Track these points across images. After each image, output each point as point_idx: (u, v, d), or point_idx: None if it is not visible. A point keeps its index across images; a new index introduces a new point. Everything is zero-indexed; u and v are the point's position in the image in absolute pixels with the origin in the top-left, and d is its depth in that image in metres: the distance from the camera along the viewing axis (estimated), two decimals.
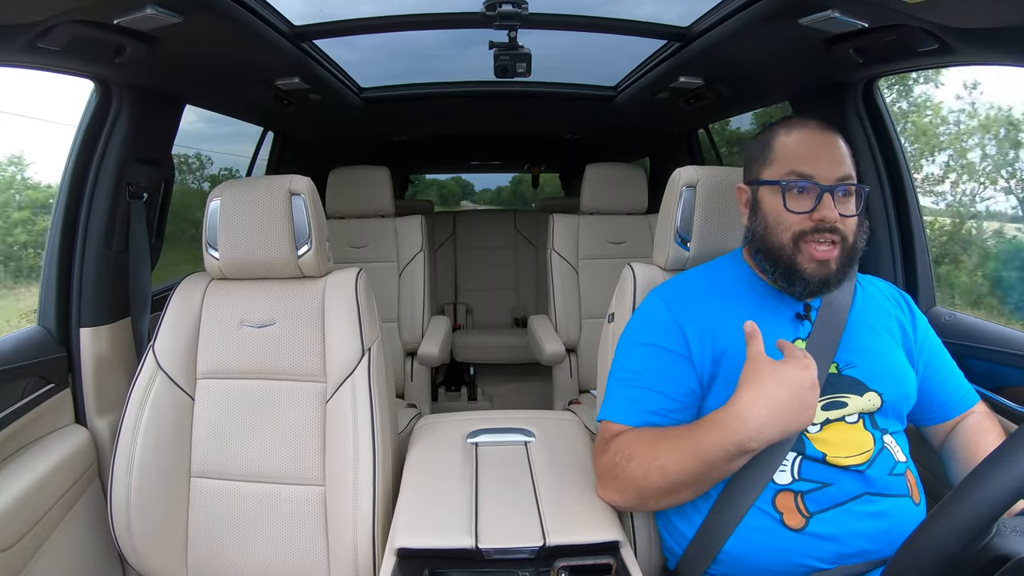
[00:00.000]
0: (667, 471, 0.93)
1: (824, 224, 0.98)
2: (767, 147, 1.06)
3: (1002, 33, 1.05)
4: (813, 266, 0.99)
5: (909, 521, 0.93)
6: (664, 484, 0.94)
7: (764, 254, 1.05)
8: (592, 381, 2.44)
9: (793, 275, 1.01)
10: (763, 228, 1.04)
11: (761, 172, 1.06)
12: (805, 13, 1.21)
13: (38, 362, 1.34)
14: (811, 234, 0.99)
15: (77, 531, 1.32)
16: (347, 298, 1.32)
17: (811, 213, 0.99)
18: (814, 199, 0.99)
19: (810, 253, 0.99)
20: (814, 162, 1.00)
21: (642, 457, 0.97)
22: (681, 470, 0.92)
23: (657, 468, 0.94)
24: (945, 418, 1.11)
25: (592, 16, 1.73)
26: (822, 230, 0.98)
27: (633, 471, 0.97)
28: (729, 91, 2.03)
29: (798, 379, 0.87)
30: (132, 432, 1.25)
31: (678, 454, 0.93)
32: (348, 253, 2.61)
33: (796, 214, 1.00)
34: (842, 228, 0.99)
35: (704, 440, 0.91)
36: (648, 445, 0.97)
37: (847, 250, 1.01)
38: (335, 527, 1.22)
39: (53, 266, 1.42)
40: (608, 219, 2.59)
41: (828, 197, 0.98)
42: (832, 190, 0.98)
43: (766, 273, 1.06)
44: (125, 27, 1.16)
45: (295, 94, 2.08)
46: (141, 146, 1.50)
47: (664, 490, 0.95)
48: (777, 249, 1.02)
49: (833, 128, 1.05)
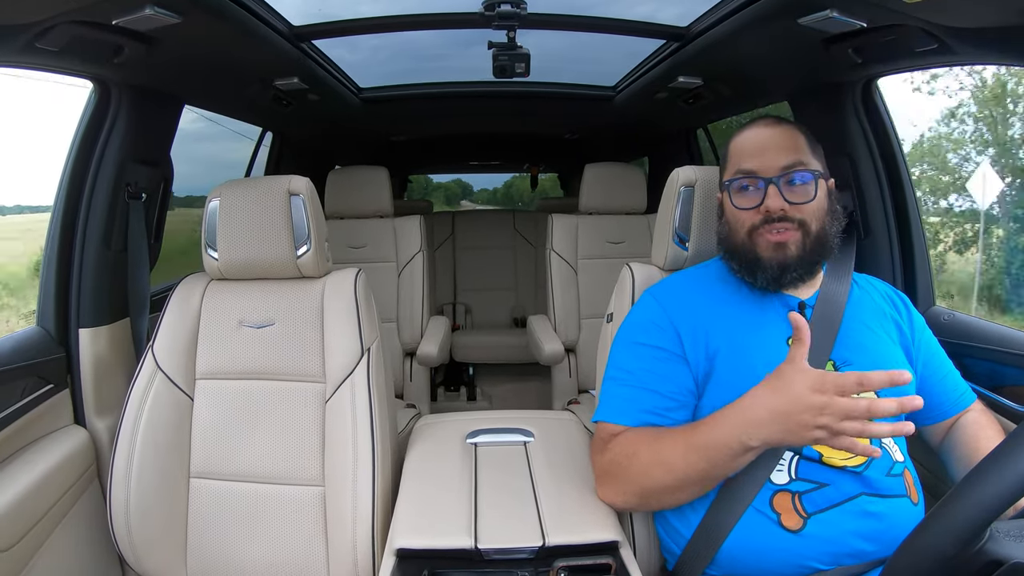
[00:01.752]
0: (672, 467, 0.94)
1: (771, 215, 1.01)
2: (726, 151, 1.11)
3: (1001, 32, 1.05)
4: (769, 251, 1.02)
5: (908, 521, 0.93)
6: (668, 480, 0.94)
7: (729, 254, 1.08)
8: (591, 381, 2.44)
9: (754, 267, 1.04)
10: (726, 231, 1.08)
11: (723, 176, 1.11)
12: (804, 13, 1.21)
13: (37, 363, 1.34)
14: (761, 226, 1.02)
15: (76, 532, 1.32)
16: (346, 298, 1.32)
17: (759, 207, 1.02)
18: (761, 193, 1.02)
19: (767, 239, 1.02)
20: (757, 157, 1.03)
21: (645, 454, 0.97)
22: (685, 465, 0.92)
23: (661, 464, 0.95)
24: (943, 417, 1.12)
25: (591, 16, 1.73)
26: (771, 220, 1.01)
27: (636, 468, 0.98)
28: (728, 91, 2.03)
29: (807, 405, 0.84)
30: (131, 432, 1.25)
31: (682, 449, 0.93)
32: (347, 253, 2.61)
33: (745, 210, 1.03)
34: (796, 215, 1.01)
35: (708, 435, 0.91)
36: (651, 442, 0.97)
37: (810, 235, 1.02)
38: (334, 527, 1.22)
39: (52, 266, 1.42)
40: (607, 219, 2.59)
41: (773, 188, 1.01)
42: (775, 180, 1.01)
43: (735, 272, 1.09)
44: (124, 27, 1.16)
45: (294, 94, 2.08)
46: (140, 146, 1.50)
47: (667, 487, 0.95)
48: (738, 247, 1.06)
49: (787, 122, 1.08)
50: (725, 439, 0.89)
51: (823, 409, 0.82)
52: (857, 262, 1.18)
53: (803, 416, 0.83)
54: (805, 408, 0.83)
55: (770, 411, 0.86)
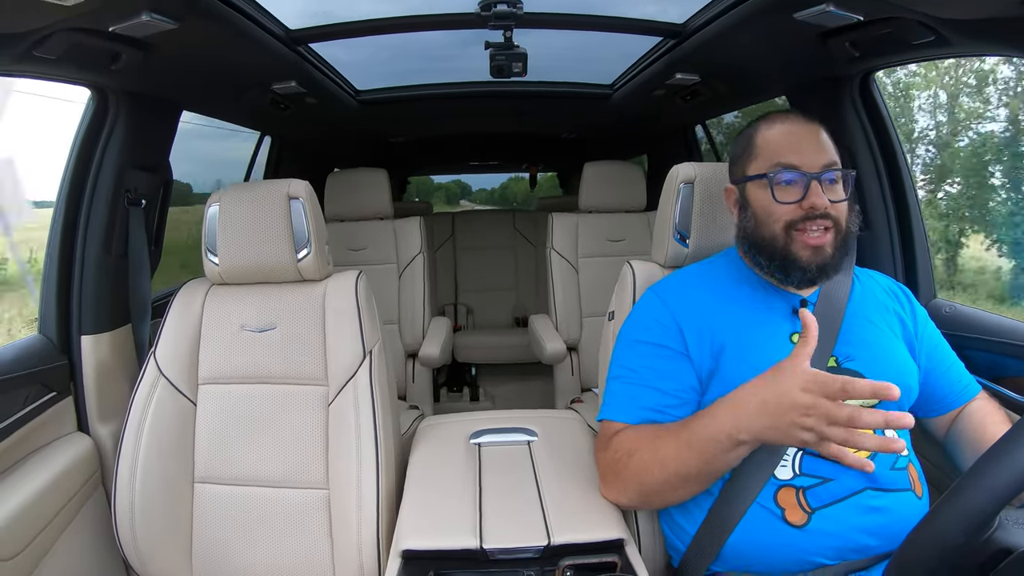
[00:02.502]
0: (666, 464, 0.94)
1: (815, 211, 0.99)
2: (750, 143, 1.08)
3: (998, 24, 1.04)
4: (808, 253, 1.00)
5: (912, 515, 0.93)
6: (664, 477, 0.94)
7: (757, 249, 1.05)
8: (593, 379, 2.44)
9: (789, 265, 1.01)
10: (753, 223, 1.05)
11: (747, 168, 1.07)
12: (800, 7, 1.21)
13: (40, 370, 1.34)
14: (802, 222, 1.00)
15: (81, 538, 1.32)
16: (347, 301, 1.32)
17: (800, 202, 1.00)
18: (802, 188, 1.00)
19: (804, 241, 1.00)
20: (798, 152, 1.01)
21: (643, 451, 0.97)
22: (679, 461, 0.93)
23: (657, 461, 0.95)
24: (948, 409, 1.11)
25: (587, 15, 1.73)
26: (813, 217, 0.99)
27: (634, 466, 0.98)
28: (725, 87, 2.03)
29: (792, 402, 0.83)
30: (135, 439, 1.25)
31: (675, 445, 0.93)
32: (348, 256, 2.61)
33: (786, 204, 1.01)
34: (833, 213, 1.00)
35: (699, 430, 0.91)
36: (649, 440, 0.98)
37: (841, 235, 1.01)
38: (339, 530, 1.22)
39: (53, 274, 1.42)
40: (607, 217, 2.59)
41: (816, 184, 0.99)
42: (819, 177, 1.00)
43: (760, 267, 1.06)
44: (121, 34, 1.16)
45: (292, 98, 2.08)
46: (139, 152, 1.50)
47: (664, 484, 0.95)
48: (769, 241, 1.03)
49: (814, 118, 1.07)
50: (715, 432, 0.89)
51: (809, 409, 0.81)
52: (858, 255, 1.17)
53: (790, 414, 0.83)
54: (791, 405, 0.83)
55: (759, 403, 0.86)
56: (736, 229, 1.11)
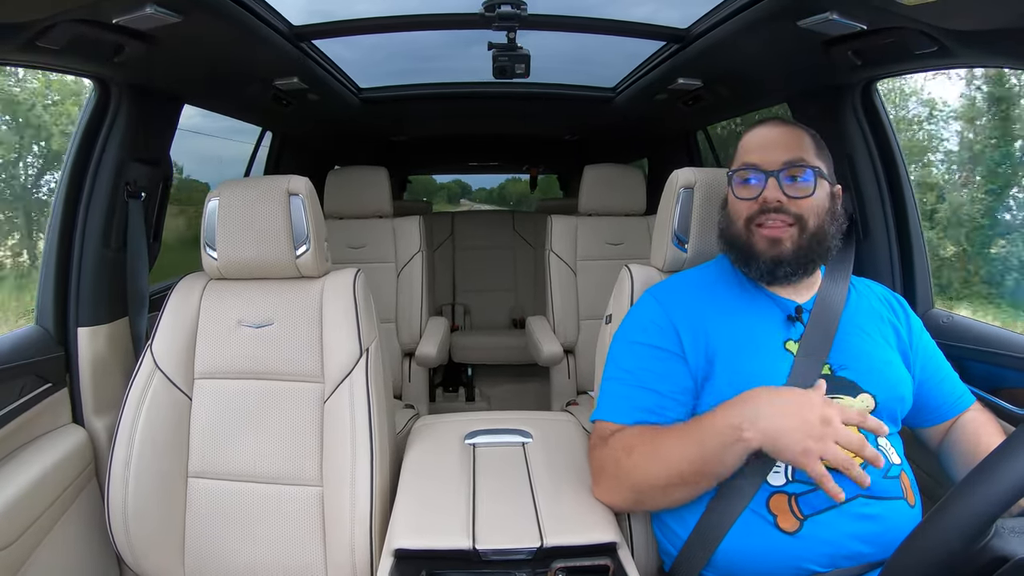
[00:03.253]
0: (667, 459, 0.94)
1: (768, 205, 1.03)
2: (736, 149, 1.13)
3: (1001, 35, 1.05)
4: (764, 244, 1.04)
5: (904, 523, 0.93)
6: (661, 474, 0.95)
7: (728, 244, 1.11)
8: (590, 382, 2.44)
9: (749, 257, 1.06)
10: (727, 221, 1.11)
11: None
12: (804, 15, 1.21)
13: (36, 361, 1.33)
14: (758, 216, 1.04)
15: (74, 531, 1.32)
16: (345, 298, 1.32)
17: (757, 198, 1.04)
18: (761, 185, 1.05)
19: (761, 233, 1.04)
20: (762, 151, 1.06)
21: (643, 448, 0.97)
22: (679, 456, 0.93)
23: (656, 457, 0.95)
24: (942, 419, 1.12)
25: (591, 17, 1.73)
26: (767, 211, 1.03)
27: (631, 463, 0.98)
28: (727, 93, 2.03)
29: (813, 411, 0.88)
30: (129, 432, 1.25)
31: (677, 440, 0.94)
32: (346, 253, 2.61)
33: (745, 200, 1.06)
34: (793, 209, 1.03)
35: (706, 422, 0.93)
36: (649, 437, 0.98)
37: (806, 232, 1.04)
38: (332, 528, 1.22)
39: (51, 265, 1.42)
40: (606, 220, 2.59)
41: (772, 181, 1.03)
42: (776, 174, 1.03)
43: (733, 263, 1.11)
44: (124, 26, 1.16)
45: (294, 94, 2.08)
46: (140, 146, 1.50)
47: (660, 482, 0.95)
48: (735, 236, 1.08)
49: (796, 124, 1.11)
50: (721, 425, 0.91)
51: (829, 422, 0.85)
52: (856, 264, 1.18)
53: (810, 418, 0.86)
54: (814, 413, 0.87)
55: (780, 403, 0.89)
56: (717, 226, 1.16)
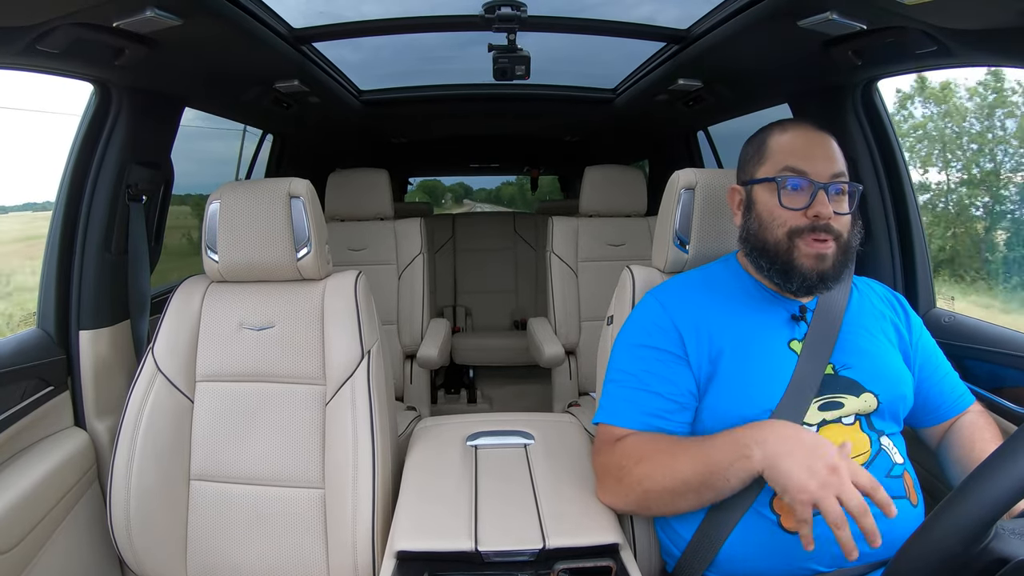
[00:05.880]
0: (676, 469, 0.94)
1: (819, 221, 0.99)
2: (762, 146, 1.08)
3: (1001, 34, 1.05)
4: (811, 262, 1.00)
5: (907, 523, 0.93)
6: (668, 483, 0.94)
7: (759, 251, 1.05)
8: (591, 383, 2.44)
9: (790, 272, 1.01)
10: (757, 226, 1.05)
11: (756, 171, 1.08)
12: (804, 15, 1.21)
13: (37, 364, 1.34)
14: (807, 232, 1.00)
15: (76, 534, 1.32)
16: (346, 300, 1.32)
17: (806, 210, 1.00)
18: (808, 196, 1.00)
19: (806, 249, 1.00)
20: (808, 159, 1.01)
21: (654, 458, 0.97)
22: (689, 470, 0.92)
23: (667, 469, 0.95)
24: (941, 419, 1.12)
25: (591, 18, 1.73)
26: (817, 228, 0.99)
27: (643, 472, 0.97)
28: (728, 93, 2.03)
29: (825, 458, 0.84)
30: (131, 435, 1.25)
31: (686, 454, 0.94)
32: (347, 256, 2.61)
33: (791, 210, 1.01)
34: (836, 226, 1.00)
35: (717, 438, 0.92)
36: (660, 447, 0.98)
37: (843, 248, 1.01)
38: (335, 530, 1.22)
39: (53, 268, 1.42)
40: (607, 221, 2.59)
41: (822, 194, 0.99)
42: (826, 187, 0.99)
43: (761, 271, 1.07)
44: (125, 30, 1.16)
45: (294, 97, 2.08)
46: (140, 149, 1.50)
47: (667, 491, 0.95)
48: (772, 245, 1.03)
49: (825, 129, 1.07)
50: (731, 441, 0.90)
51: (835, 471, 0.82)
52: (857, 264, 1.17)
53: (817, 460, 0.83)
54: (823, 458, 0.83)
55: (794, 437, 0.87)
56: (740, 230, 1.11)
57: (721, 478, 0.90)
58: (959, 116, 2.70)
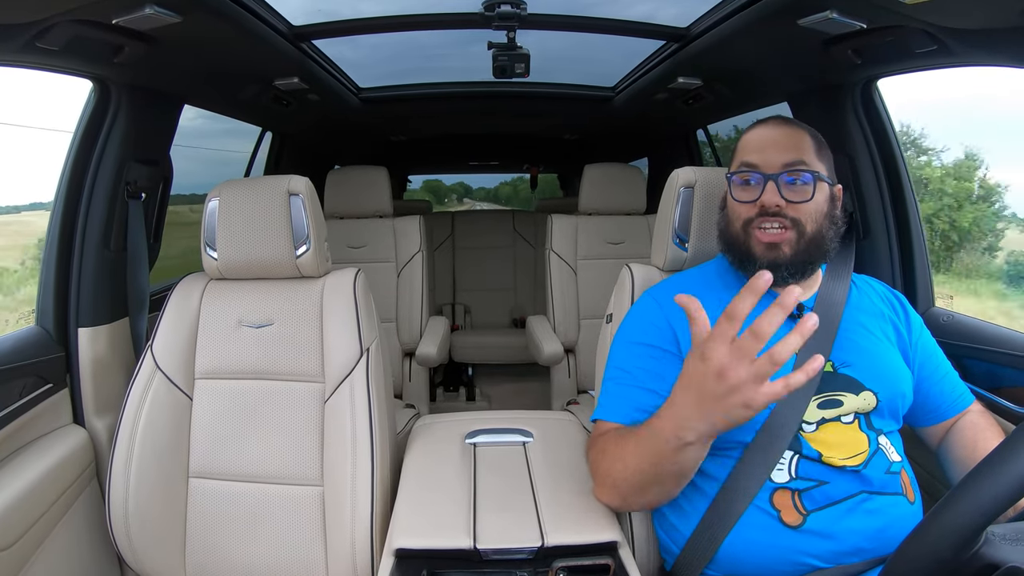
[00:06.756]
0: (627, 462, 0.94)
1: (766, 209, 1.02)
2: (736, 145, 1.12)
3: (1001, 34, 1.05)
4: (761, 248, 1.03)
5: (905, 520, 0.94)
6: (627, 476, 0.95)
7: (726, 245, 1.10)
8: (590, 381, 2.44)
9: (746, 260, 1.05)
10: (725, 222, 1.10)
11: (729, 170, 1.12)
12: (804, 14, 1.21)
13: (36, 362, 1.34)
14: (756, 219, 1.03)
15: (75, 532, 1.32)
16: (345, 298, 1.32)
17: (755, 201, 1.03)
18: (760, 188, 1.03)
19: (758, 237, 1.03)
20: (761, 153, 1.04)
21: (612, 451, 0.98)
22: (637, 460, 0.92)
23: (622, 459, 0.95)
24: (941, 419, 1.12)
25: (590, 17, 1.73)
26: (765, 214, 1.02)
27: (607, 466, 0.99)
28: (727, 92, 2.03)
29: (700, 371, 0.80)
30: (130, 432, 1.25)
31: (633, 445, 0.93)
32: (347, 253, 2.61)
33: (743, 203, 1.05)
34: (791, 213, 1.02)
35: (652, 430, 0.89)
36: (622, 440, 0.98)
37: (804, 236, 1.02)
38: (333, 527, 1.22)
39: (51, 266, 1.42)
40: (606, 219, 2.59)
41: (771, 184, 1.02)
42: (775, 177, 1.02)
43: (732, 264, 1.10)
44: (124, 27, 1.16)
45: (294, 94, 2.08)
46: (140, 146, 1.50)
47: (629, 483, 0.95)
48: (733, 238, 1.07)
49: (797, 123, 1.09)
50: (664, 434, 0.87)
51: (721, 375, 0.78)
52: (856, 262, 1.18)
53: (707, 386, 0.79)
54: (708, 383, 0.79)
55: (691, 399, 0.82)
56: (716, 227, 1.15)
57: (672, 465, 0.88)
58: None
